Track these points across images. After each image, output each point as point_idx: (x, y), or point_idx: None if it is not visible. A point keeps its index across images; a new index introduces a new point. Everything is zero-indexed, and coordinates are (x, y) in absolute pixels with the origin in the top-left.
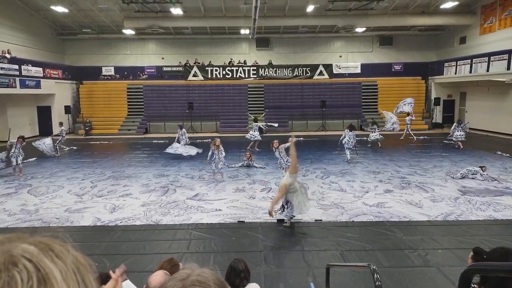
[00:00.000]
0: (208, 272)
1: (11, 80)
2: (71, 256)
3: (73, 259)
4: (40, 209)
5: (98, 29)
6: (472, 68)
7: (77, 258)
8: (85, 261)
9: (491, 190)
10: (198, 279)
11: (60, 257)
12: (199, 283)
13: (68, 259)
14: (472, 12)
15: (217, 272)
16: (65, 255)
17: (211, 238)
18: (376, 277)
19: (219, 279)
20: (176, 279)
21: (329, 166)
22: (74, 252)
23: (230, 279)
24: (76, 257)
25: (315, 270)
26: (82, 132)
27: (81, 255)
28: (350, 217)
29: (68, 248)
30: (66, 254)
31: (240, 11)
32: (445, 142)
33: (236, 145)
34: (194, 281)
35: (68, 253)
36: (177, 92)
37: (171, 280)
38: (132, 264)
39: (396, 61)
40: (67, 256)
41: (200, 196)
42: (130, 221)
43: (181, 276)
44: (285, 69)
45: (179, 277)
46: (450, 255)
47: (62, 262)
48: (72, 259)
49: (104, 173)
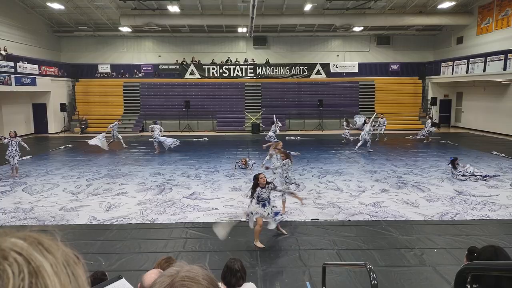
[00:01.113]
0: (197, 268)
1: (6, 77)
2: (60, 250)
3: (63, 253)
4: (35, 207)
5: (94, 26)
6: (468, 68)
7: (66, 252)
8: (75, 256)
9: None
10: (187, 275)
11: (49, 251)
12: (188, 279)
13: (58, 253)
14: (469, 12)
15: (207, 269)
16: (54, 249)
17: (207, 237)
18: (372, 276)
19: (208, 275)
20: (165, 276)
21: (326, 166)
22: (63, 247)
23: (226, 278)
24: (66, 251)
25: (311, 269)
26: (78, 130)
27: (71, 250)
28: (346, 216)
29: (57, 243)
30: (55, 248)
31: (238, 9)
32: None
33: (232, 144)
34: (183, 277)
35: (58, 247)
36: (173, 90)
37: (160, 276)
38: (127, 263)
39: (393, 61)
40: (56, 250)
41: (196, 195)
42: (125, 219)
43: (170, 273)
44: (283, 68)
45: (168, 274)
46: (446, 255)
47: (52, 255)
48: (62, 253)
49: (100, 171)
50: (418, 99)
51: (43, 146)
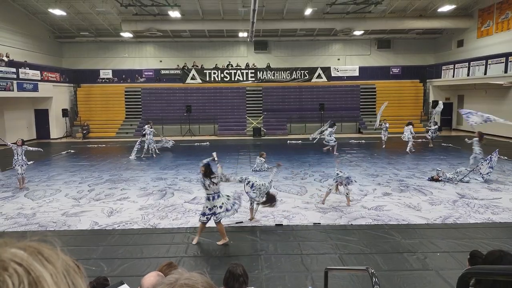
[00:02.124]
0: (197, 275)
1: (9, 83)
2: (60, 259)
3: (63, 262)
4: (37, 213)
5: (96, 32)
6: (469, 71)
7: (66, 261)
8: (75, 265)
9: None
10: (186, 283)
11: (49, 260)
12: (187, 287)
13: (58, 262)
14: (469, 16)
15: (206, 276)
16: (54, 259)
17: (209, 242)
18: (375, 280)
19: (208, 282)
20: (165, 284)
21: (328, 169)
22: (63, 256)
23: (229, 284)
24: (66, 260)
25: (313, 273)
26: (79, 135)
27: (71, 258)
28: (348, 220)
29: (57, 252)
30: (55, 257)
31: (238, 14)
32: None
33: (234, 148)
34: (182, 285)
35: (58, 256)
36: (175, 95)
37: (160, 285)
38: (129, 268)
39: (394, 64)
40: (56, 260)
41: (198, 199)
42: (127, 224)
43: (169, 281)
44: (283, 72)
45: (167, 282)
46: (449, 258)
47: (52, 265)
48: (62, 263)
49: (102, 176)
50: (419, 102)
51: (45, 151)
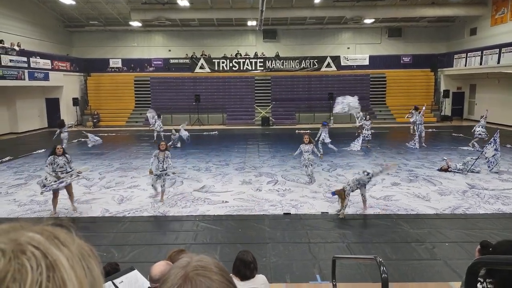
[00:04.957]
0: (207, 257)
1: (20, 72)
2: (76, 243)
3: (78, 246)
4: (49, 200)
5: (105, 21)
6: (482, 60)
7: (81, 245)
8: (89, 249)
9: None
10: (200, 264)
11: (65, 244)
12: (201, 268)
13: (73, 246)
14: (483, 3)
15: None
16: (70, 243)
17: (217, 229)
18: (383, 269)
19: (219, 264)
20: (178, 267)
21: (336, 159)
22: (78, 240)
23: (240, 271)
24: (81, 244)
25: (321, 262)
26: (90, 124)
27: (85, 243)
28: (357, 209)
29: (72, 236)
30: (71, 241)
31: (247, 3)
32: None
33: (242, 138)
34: (196, 266)
35: (73, 240)
36: (184, 85)
37: (173, 268)
38: (139, 254)
39: (404, 53)
40: (72, 244)
41: (207, 188)
42: (137, 212)
43: (182, 264)
44: (292, 61)
45: (180, 265)
46: (458, 249)
47: (67, 249)
48: (77, 246)
49: (112, 164)
50: (430, 92)
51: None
